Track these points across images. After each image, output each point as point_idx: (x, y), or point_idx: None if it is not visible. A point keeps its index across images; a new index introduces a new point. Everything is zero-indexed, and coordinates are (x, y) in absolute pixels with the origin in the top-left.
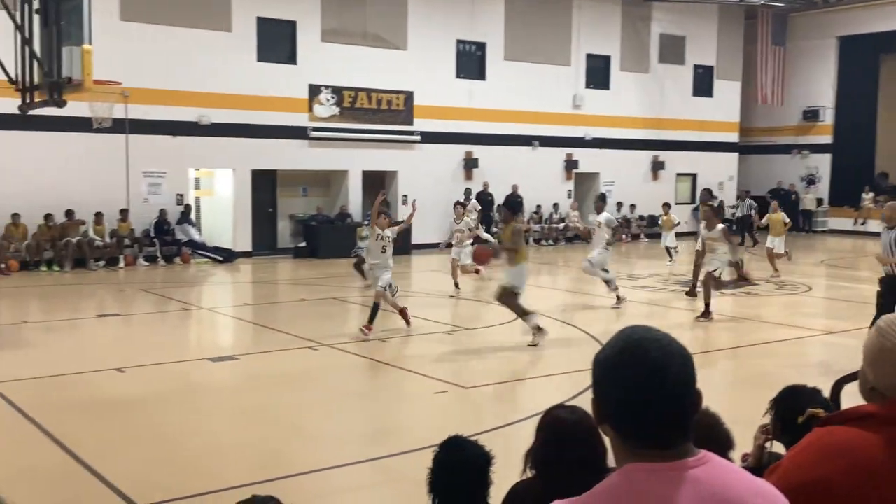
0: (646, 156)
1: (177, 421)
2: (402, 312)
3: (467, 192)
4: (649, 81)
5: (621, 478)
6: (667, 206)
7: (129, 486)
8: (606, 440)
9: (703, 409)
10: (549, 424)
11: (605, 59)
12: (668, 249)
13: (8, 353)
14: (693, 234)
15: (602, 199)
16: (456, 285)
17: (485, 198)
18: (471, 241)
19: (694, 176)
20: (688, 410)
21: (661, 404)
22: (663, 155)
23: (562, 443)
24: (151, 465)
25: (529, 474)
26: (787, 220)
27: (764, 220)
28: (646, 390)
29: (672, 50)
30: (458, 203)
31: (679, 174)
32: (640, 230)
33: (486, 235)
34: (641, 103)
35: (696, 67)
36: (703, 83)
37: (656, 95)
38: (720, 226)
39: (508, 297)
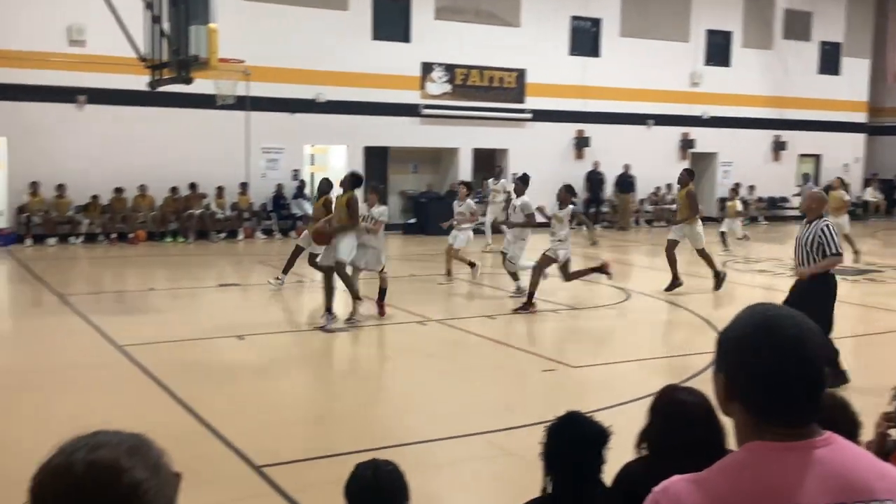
0: (767, 136)
1: (291, 388)
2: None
3: (498, 171)
4: (772, 58)
5: (745, 455)
6: (734, 190)
7: (247, 448)
8: (724, 421)
9: (829, 392)
10: (669, 405)
11: (726, 35)
12: (722, 235)
13: (136, 317)
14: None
15: (523, 180)
16: (448, 273)
17: (595, 177)
18: (471, 225)
19: (818, 157)
20: (820, 388)
21: (798, 381)
22: (785, 135)
23: (682, 424)
24: (267, 429)
25: (642, 454)
26: (847, 197)
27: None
28: (784, 367)
29: (797, 25)
30: (461, 182)
31: (802, 155)
32: (759, 213)
33: (488, 219)
34: (763, 81)
35: (823, 44)
36: (829, 60)
37: (779, 73)
38: (570, 207)
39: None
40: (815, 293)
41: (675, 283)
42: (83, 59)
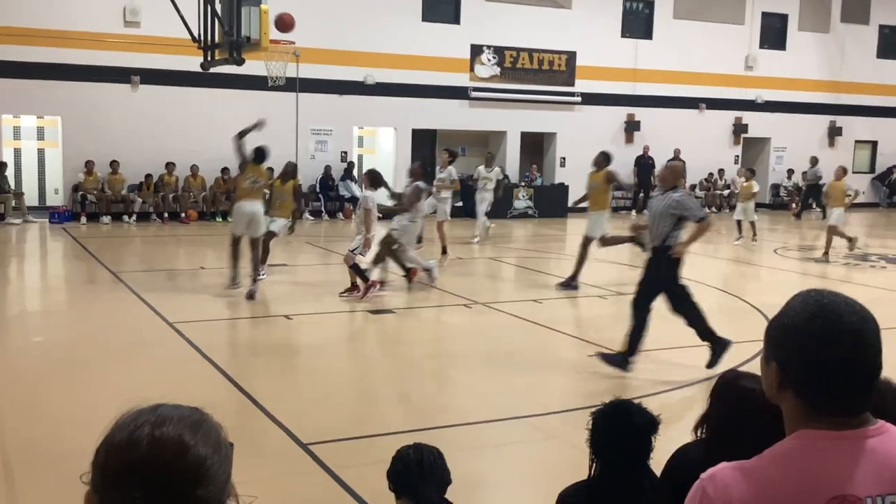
0: (822, 121)
1: (337, 368)
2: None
3: (489, 157)
4: (829, 42)
5: (795, 443)
6: (751, 171)
7: (294, 425)
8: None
9: (884, 379)
10: (733, 393)
11: (783, 18)
12: (738, 223)
13: (186, 295)
14: (874, 206)
15: (421, 167)
16: (444, 250)
17: (644, 162)
18: (449, 194)
19: (874, 143)
20: (876, 377)
21: (856, 370)
22: (841, 120)
23: (747, 412)
24: (313, 407)
25: (699, 439)
26: (851, 189)
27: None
28: (842, 356)
29: (856, 8)
30: (445, 149)
31: (858, 141)
32: (813, 199)
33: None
34: (820, 65)
35: (882, 28)
36: (889, 44)
37: (836, 57)
38: (417, 184)
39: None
40: (662, 264)
41: (572, 282)
42: (137, 40)
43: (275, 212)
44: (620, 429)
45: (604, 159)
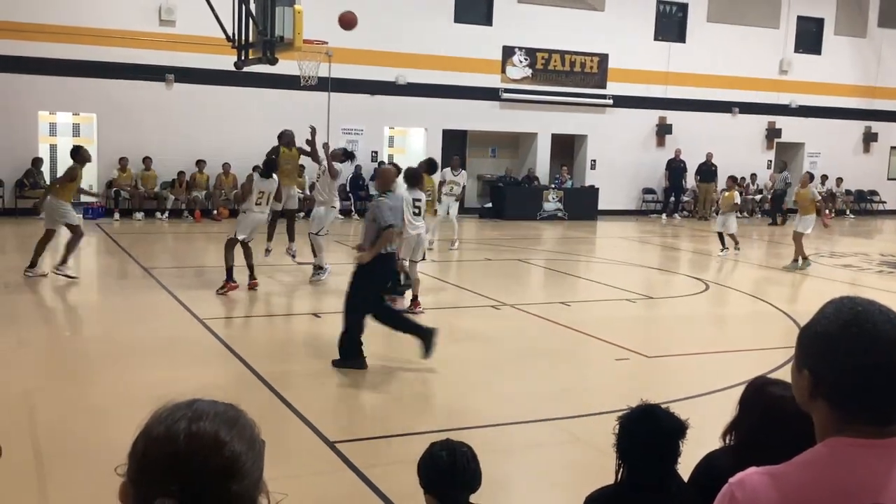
0: (857, 126)
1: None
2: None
3: (456, 161)
4: (866, 47)
5: (826, 451)
6: (732, 179)
7: (321, 423)
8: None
9: None
10: (762, 400)
11: (819, 22)
12: (720, 236)
13: (215, 292)
14: None
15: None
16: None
17: (676, 165)
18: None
19: None
20: None
21: (891, 378)
22: (877, 126)
23: (778, 420)
24: (341, 407)
25: (727, 445)
26: (818, 196)
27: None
28: (878, 364)
29: (893, 13)
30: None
31: (894, 147)
32: (847, 206)
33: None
34: (855, 70)
35: None
36: None
37: (873, 62)
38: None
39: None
40: (361, 271)
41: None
42: (172, 38)
43: (285, 180)
44: (648, 433)
45: (428, 167)
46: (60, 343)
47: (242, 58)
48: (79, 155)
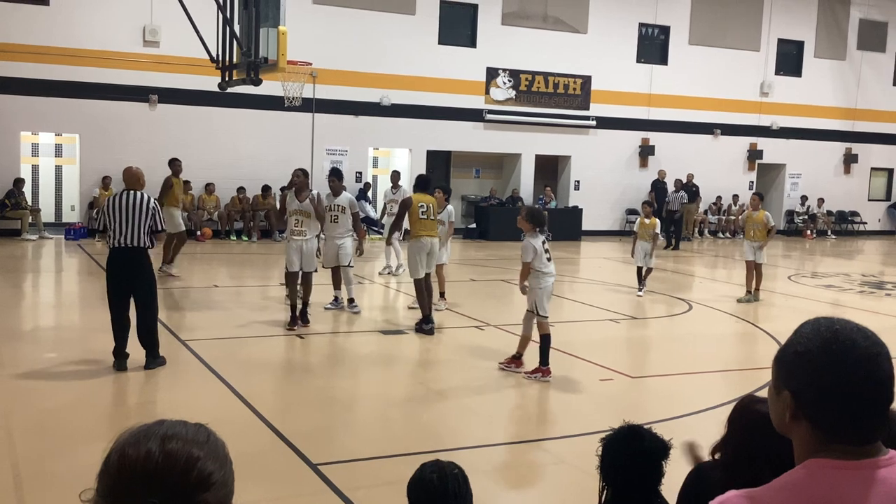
0: (838, 148)
1: (349, 388)
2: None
3: (395, 177)
4: (845, 69)
5: (805, 472)
6: (648, 204)
7: (304, 444)
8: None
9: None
10: (750, 416)
11: (799, 45)
12: (638, 270)
13: (199, 313)
14: (890, 234)
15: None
16: (441, 295)
17: (661, 186)
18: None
19: (890, 171)
20: (891, 403)
21: (872, 396)
22: (857, 147)
23: (761, 436)
24: (324, 427)
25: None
26: (772, 221)
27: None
28: (858, 382)
29: (872, 36)
30: (439, 187)
31: (874, 168)
32: (828, 226)
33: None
34: (835, 92)
35: None
36: None
37: (852, 84)
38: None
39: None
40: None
41: None
42: (156, 59)
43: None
44: (631, 454)
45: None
46: (41, 364)
47: (226, 79)
48: (172, 165)
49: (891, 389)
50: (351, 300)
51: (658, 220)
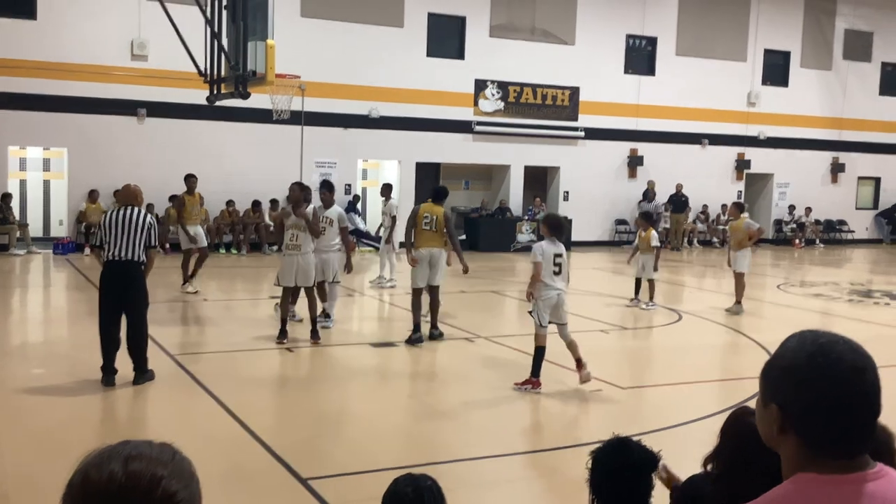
0: (825, 157)
1: (338, 402)
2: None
3: (386, 189)
4: (831, 79)
5: (793, 487)
6: (646, 216)
7: (294, 459)
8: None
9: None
10: (743, 428)
11: (785, 55)
12: (637, 282)
13: (188, 327)
14: (877, 242)
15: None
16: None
17: (652, 198)
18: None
19: (877, 180)
20: (878, 415)
21: (859, 409)
22: (844, 157)
23: (758, 447)
24: (313, 442)
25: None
26: (755, 226)
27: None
28: (844, 396)
29: (858, 46)
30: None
31: (861, 177)
32: (816, 235)
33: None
34: (822, 102)
35: (885, 65)
36: (891, 81)
37: (839, 94)
38: (309, 208)
39: None
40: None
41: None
42: (145, 73)
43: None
44: (619, 466)
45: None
46: (29, 381)
47: (215, 92)
48: (187, 181)
49: (877, 402)
50: (326, 315)
51: (654, 233)
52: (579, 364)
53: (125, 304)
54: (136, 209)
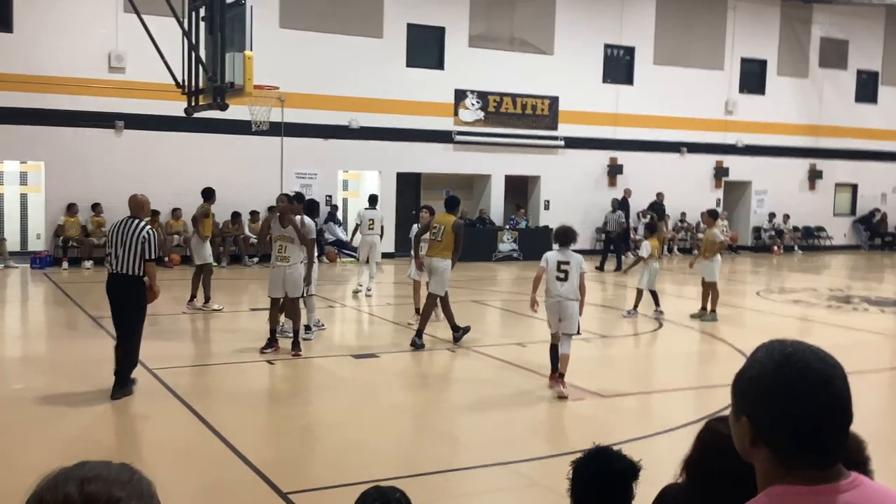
0: (802, 164)
1: (320, 414)
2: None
3: (373, 198)
4: (808, 86)
5: (766, 499)
6: (650, 222)
7: (274, 474)
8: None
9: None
10: (716, 436)
11: (762, 63)
12: (653, 294)
13: (167, 341)
14: (856, 248)
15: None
16: (417, 311)
17: (624, 205)
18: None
19: (854, 186)
20: (849, 424)
21: (829, 421)
22: (821, 164)
23: (730, 457)
24: (295, 456)
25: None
26: (721, 237)
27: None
28: (814, 407)
29: (834, 54)
30: (424, 206)
31: (838, 184)
32: (795, 242)
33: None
34: (799, 109)
35: (860, 73)
36: (866, 89)
37: (815, 101)
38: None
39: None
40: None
41: None
42: (122, 85)
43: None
44: (600, 476)
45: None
46: (6, 397)
47: (193, 104)
48: (209, 195)
49: (847, 411)
50: (308, 327)
51: (649, 244)
52: (560, 378)
53: (121, 316)
54: (137, 221)
